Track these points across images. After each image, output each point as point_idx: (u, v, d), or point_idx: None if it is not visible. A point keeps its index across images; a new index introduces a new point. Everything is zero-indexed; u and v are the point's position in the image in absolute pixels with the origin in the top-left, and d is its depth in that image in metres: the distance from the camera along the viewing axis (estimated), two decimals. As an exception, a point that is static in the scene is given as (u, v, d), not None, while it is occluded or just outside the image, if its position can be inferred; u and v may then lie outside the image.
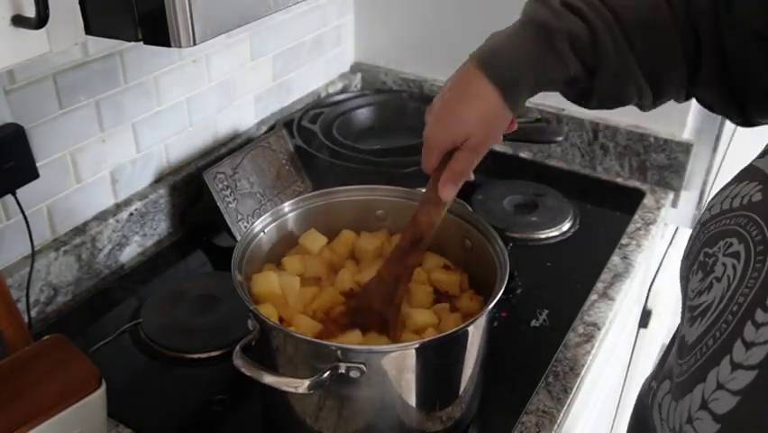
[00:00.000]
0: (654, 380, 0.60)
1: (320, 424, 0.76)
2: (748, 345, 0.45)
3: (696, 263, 0.55)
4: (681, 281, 0.59)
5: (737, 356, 0.46)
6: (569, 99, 0.75)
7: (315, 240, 0.88)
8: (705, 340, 0.49)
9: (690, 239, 0.59)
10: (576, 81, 0.69)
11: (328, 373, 0.67)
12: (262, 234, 0.85)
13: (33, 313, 0.98)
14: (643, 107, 0.75)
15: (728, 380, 0.45)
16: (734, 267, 0.50)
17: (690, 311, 0.53)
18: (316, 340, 0.73)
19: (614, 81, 0.69)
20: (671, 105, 1.39)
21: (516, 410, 0.85)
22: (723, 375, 0.46)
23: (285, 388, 0.68)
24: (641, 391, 0.66)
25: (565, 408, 0.87)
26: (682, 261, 0.59)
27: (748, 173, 0.55)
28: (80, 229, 1.04)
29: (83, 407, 0.72)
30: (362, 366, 0.68)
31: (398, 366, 0.71)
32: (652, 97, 0.72)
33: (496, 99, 0.68)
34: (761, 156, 0.56)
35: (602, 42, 0.66)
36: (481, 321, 0.75)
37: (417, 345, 0.71)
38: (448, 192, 0.74)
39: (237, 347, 0.70)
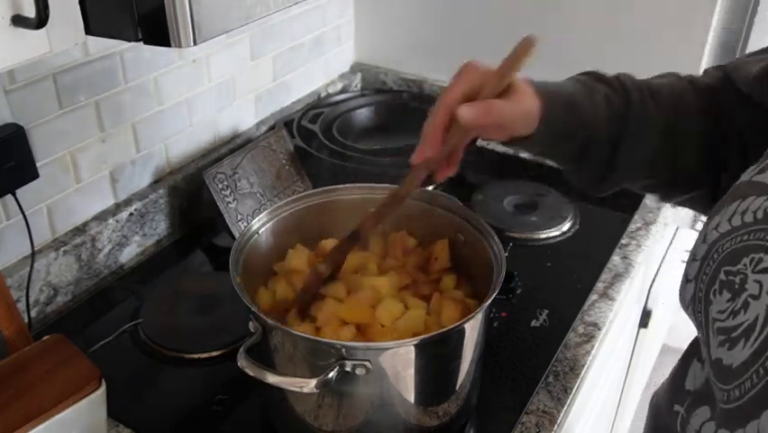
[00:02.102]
0: (678, 404, 0.58)
1: (320, 421, 0.76)
2: None
3: (716, 283, 0.52)
4: (691, 304, 0.56)
5: None
6: (582, 185, 0.77)
7: (300, 256, 0.87)
8: (760, 362, 0.46)
9: (694, 260, 0.56)
10: (596, 141, 0.71)
11: (335, 371, 0.67)
12: (258, 234, 0.85)
13: (33, 313, 0.98)
14: (658, 194, 0.79)
15: None
16: None
17: (722, 333, 0.51)
18: (320, 339, 0.73)
19: (635, 151, 0.71)
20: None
21: (516, 410, 0.85)
22: None
23: (291, 388, 0.68)
24: (657, 412, 0.63)
25: (565, 408, 0.87)
26: (688, 282, 0.56)
27: (749, 188, 0.53)
28: (80, 229, 1.04)
29: (83, 407, 0.72)
30: (368, 363, 0.68)
31: (398, 362, 0.71)
32: (668, 179, 0.75)
33: (535, 101, 0.68)
34: (759, 171, 0.54)
35: (633, 97, 0.71)
36: (478, 317, 0.75)
37: (417, 342, 0.71)
38: (467, 112, 0.65)
39: (242, 349, 0.69)
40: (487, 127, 0.67)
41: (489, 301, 0.72)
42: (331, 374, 0.67)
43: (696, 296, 0.55)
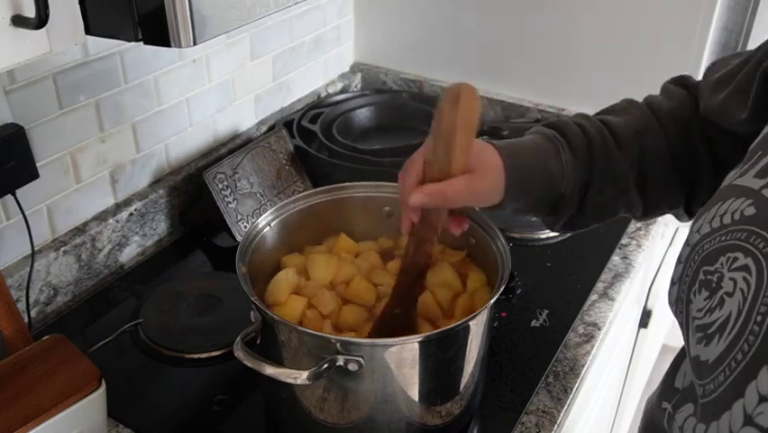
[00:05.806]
0: (666, 401, 0.59)
1: (324, 415, 0.76)
2: None
3: (696, 283, 0.54)
4: (675, 305, 0.58)
5: None
6: (550, 228, 0.78)
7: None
8: (732, 355, 0.48)
9: (679, 263, 0.58)
10: (566, 197, 0.73)
11: (327, 364, 0.68)
12: (267, 228, 0.85)
13: (33, 313, 0.98)
14: (634, 218, 0.80)
15: None
16: (745, 280, 0.48)
17: (699, 330, 0.52)
18: (316, 332, 0.73)
19: (602, 197, 0.73)
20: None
21: (516, 410, 0.86)
22: (764, 387, 0.44)
23: (285, 379, 0.69)
24: (649, 410, 0.65)
25: (565, 408, 0.87)
26: (673, 285, 0.58)
27: (731, 191, 0.55)
28: (80, 229, 1.04)
29: (83, 407, 0.72)
30: (360, 359, 0.68)
31: (399, 360, 0.71)
32: (642, 210, 0.77)
33: (500, 173, 0.69)
34: (740, 175, 0.56)
35: (595, 146, 0.72)
36: (483, 316, 0.75)
37: (420, 339, 0.72)
38: (416, 198, 0.67)
39: (238, 338, 0.70)
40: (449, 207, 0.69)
41: (495, 298, 0.73)
42: (323, 368, 0.68)
43: (679, 297, 0.57)
